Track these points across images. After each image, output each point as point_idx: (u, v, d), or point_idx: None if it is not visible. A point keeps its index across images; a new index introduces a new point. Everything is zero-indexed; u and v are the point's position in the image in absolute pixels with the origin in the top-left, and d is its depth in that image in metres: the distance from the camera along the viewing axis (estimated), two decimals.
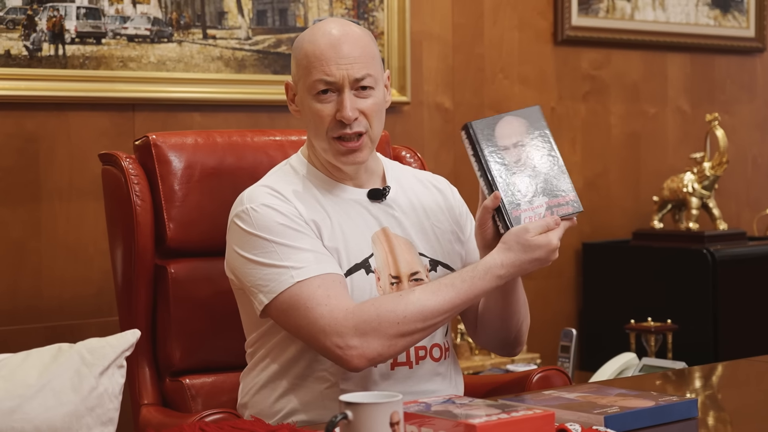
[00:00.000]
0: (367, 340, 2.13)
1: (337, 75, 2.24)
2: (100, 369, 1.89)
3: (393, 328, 2.14)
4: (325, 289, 2.16)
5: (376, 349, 2.14)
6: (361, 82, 2.26)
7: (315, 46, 2.27)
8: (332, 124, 2.26)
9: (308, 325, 2.16)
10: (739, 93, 4.78)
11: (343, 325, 2.14)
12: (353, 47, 2.27)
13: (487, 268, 2.16)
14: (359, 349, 2.13)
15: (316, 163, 2.35)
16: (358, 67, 2.26)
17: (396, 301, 2.16)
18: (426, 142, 3.94)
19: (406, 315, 2.14)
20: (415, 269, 2.33)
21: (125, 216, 2.56)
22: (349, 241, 2.28)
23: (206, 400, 2.51)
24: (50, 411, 1.82)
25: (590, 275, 4.30)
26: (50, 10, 3.20)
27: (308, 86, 2.27)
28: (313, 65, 2.26)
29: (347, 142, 2.26)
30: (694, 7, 4.57)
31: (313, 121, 2.28)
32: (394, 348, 2.16)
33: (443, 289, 2.17)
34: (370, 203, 2.35)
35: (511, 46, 4.16)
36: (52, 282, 3.25)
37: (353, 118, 2.24)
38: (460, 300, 2.16)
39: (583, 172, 4.34)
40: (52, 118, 3.25)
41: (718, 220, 4.23)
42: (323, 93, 2.25)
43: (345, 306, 2.15)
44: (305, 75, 2.27)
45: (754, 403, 2.31)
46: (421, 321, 2.15)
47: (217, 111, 3.51)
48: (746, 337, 4.02)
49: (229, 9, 3.51)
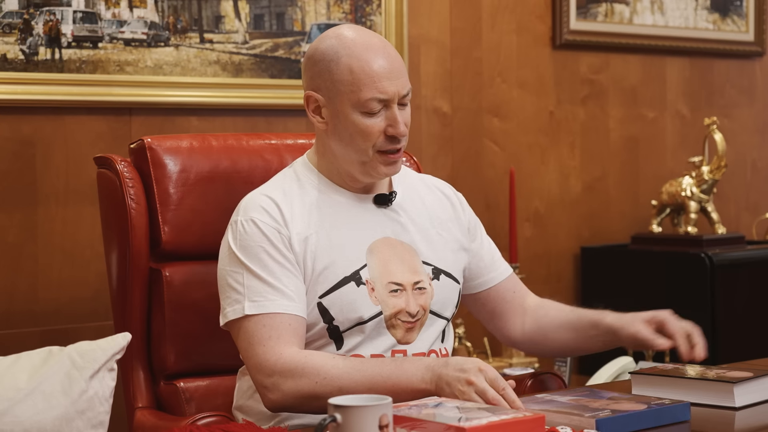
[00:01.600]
0: (285, 381, 2.15)
1: (390, 92, 2.24)
2: (91, 372, 1.90)
3: (308, 385, 2.14)
4: (269, 330, 2.19)
5: (286, 399, 2.16)
6: (406, 97, 2.28)
7: (363, 62, 2.23)
8: (381, 139, 2.25)
9: (246, 357, 2.23)
10: (739, 97, 4.77)
11: (270, 367, 2.16)
12: (395, 60, 2.27)
13: (410, 376, 2.10)
14: (274, 392, 2.16)
15: (329, 171, 2.34)
16: (405, 81, 2.27)
17: (326, 361, 2.15)
18: (424, 147, 3.94)
19: (325, 378, 2.13)
20: (418, 278, 2.33)
21: (120, 219, 2.56)
22: (338, 255, 2.27)
23: (200, 403, 2.51)
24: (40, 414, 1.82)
25: (589, 279, 4.29)
26: (47, 14, 3.20)
27: (356, 103, 2.24)
28: (362, 83, 2.23)
29: (393, 154, 2.27)
30: (693, 11, 4.57)
31: (359, 136, 2.26)
32: (304, 405, 2.16)
33: (369, 372, 2.13)
34: (375, 209, 2.35)
35: (509, 50, 4.16)
36: (49, 286, 3.25)
37: (405, 132, 2.27)
38: (377, 390, 2.07)
39: (581, 177, 4.34)
40: (49, 122, 3.25)
41: (716, 224, 4.23)
42: (374, 110, 2.24)
43: (280, 351, 2.17)
44: (351, 91, 2.23)
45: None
46: (337, 389, 2.10)
47: (214, 115, 3.51)
48: (745, 341, 4.01)
49: (226, 13, 3.52)
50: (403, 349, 2.28)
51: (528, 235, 4.19)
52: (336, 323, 2.25)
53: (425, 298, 2.33)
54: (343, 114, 2.26)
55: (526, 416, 1.84)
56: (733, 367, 2.34)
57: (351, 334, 2.27)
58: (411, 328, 2.30)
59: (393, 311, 2.28)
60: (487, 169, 4.09)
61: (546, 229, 4.25)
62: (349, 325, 2.26)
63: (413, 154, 2.91)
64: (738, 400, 2.15)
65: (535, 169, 4.23)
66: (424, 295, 2.33)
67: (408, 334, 2.30)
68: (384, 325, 2.27)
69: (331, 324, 2.25)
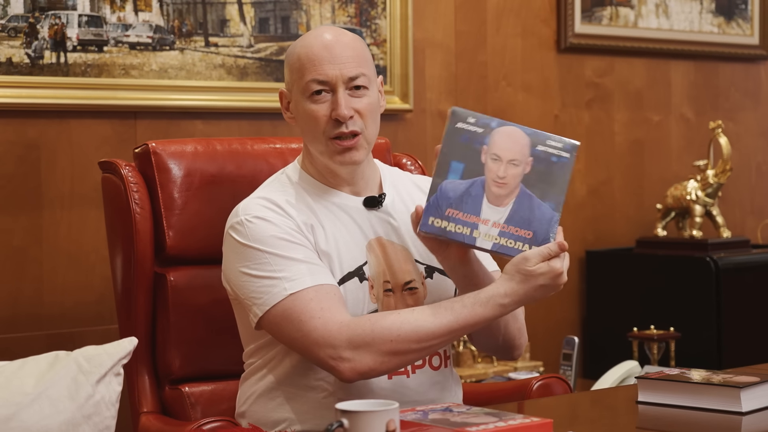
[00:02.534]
0: (360, 353, 2.12)
1: (330, 74, 2.25)
2: (97, 377, 1.90)
3: (386, 345, 2.12)
4: (318, 302, 2.15)
5: (367, 364, 2.13)
6: (354, 81, 2.27)
7: (308, 49, 2.28)
8: (328, 125, 2.26)
9: (302, 337, 2.16)
10: (744, 100, 4.77)
11: (336, 337, 2.13)
12: (345, 48, 2.28)
13: (489, 296, 2.13)
14: (351, 362, 2.12)
15: (312, 171, 2.35)
16: (351, 66, 2.27)
17: (392, 318, 2.14)
18: (429, 150, 3.93)
19: (400, 333, 2.12)
20: (409, 278, 2.32)
21: (125, 224, 2.56)
22: (342, 249, 2.27)
23: (205, 408, 2.51)
24: (47, 419, 1.82)
25: (594, 283, 4.29)
26: (52, 18, 3.21)
27: (302, 88, 2.27)
28: (305, 67, 2.26)
29: (343, 141, 2.26)
30: (698, 15, 4.57)
31: (308, 123, 2.28)
32: (386, 365, 2.14)
33: (442, 313, 2.14)
34: (365, 211, 2.35)
35: (514, 53, 4.16)
36: (54, 290, 3.25)
37: (349, 116, 2.25)
38: (459, 325, 2.13)
39: (586, 180, 4.34)
40: (54, 126, 3.25)
41: (721, 227, 4.22)
42: (317, 93, 2.26)
43: (339, 319, 2.14)
44: (299, 78, 2.28)
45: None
46: (416, 342, 2.12)
47: (219, 119, 3.51)
48: (749, 345, 4.01)
49: (231, 17, 3.52)
50: None
51: None
52: None
53: (416, 298, 2.32)
54: (298, 102, 2.30)
55: (533, 422, 1.84)
56: (739, 372, 2.34)
57: None
58: None
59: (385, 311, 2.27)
60: None
61: None
62: None
63: (418, 157, 2.91)
64: (745, 405, 2.15)
65: None
66: (416, 295, 2.32)
67: None
68: None
69: None
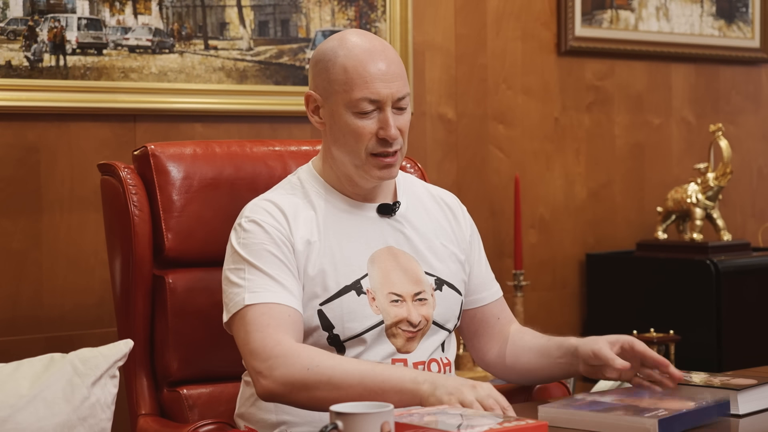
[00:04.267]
0: (278, 369, 2.12)
1: (383, 94, 2.23)
2: (93, 379, 1.90)
3: (299, 372, 2.11)
4: (267, 318, 2.17)
5: (276, 387, 2.12)
6: (401, 101, 2.26)
7: (356, 61, 2.24)
8: (372, 142, 2.25)
9: (243, 345, 2.19)
10: (744, 103, 4.77)
11: (267, 353, 2.14)
12: (393, 64, 2.26)
13: (402, 375, 2.09)
14: (266, 380, 2.13)
15: (330, 176, 2.35)
16: (400, 85, 2.25)
17: (321, 352, 2.15)
18: (429, 153, 3.94)
19: (318, 366, 2.11)
20: (419, 288, 2.32)
21: (123, 226, 2.56)
22: (339, 263, 2.27)
23: (203, 410, 2.51)
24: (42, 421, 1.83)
25: (594, 286, 4.29)
26: (51, 21, 3.21)
27: (348, 103, 2.24)
28: (355, 83, 2.23)
29: (385, 157, 2.26)
30: (699, 18, 4.57)
31: (351, 137, 2.26)
32: (294, 396, 2.12)
33: (362, 367, 2.12)
34: (379, 218, 2.35)
35: (514, 56, 4.16)
36: (53, 292, 3.25)
37: (397, 136, 2.25)
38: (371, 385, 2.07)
39: (587, 183, 4.34)
40: (53, 129, 3.25)
41: (722, 230, 4.22)
42: (365, 111, 2.24)
43: (278, 338, 2.15)
44: (344, 91, 2.24)
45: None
46: (327, 380, 2.09)
47: (218, 122, 3.52)
48: (750, 348, 4.00)
49: (231, 20, 3.52)
50: (403, 358, 2.27)
51: (533, 241, 4.19)
52: (336, 332, 2.25)
53: (427, 308, 2.32)
54: (338, 114, 2.27)
55: (529, 424, 1.84)
56: (738, 375, 2.34)
57: (352, 344, 2.26)
58: (412, 338, 2.29)
59: (394, 320, 2.27)
60: (492, 175, 4.09)
61: (551, 235, 4.25)
62: (350, 334, 2.25)
63: (418, 160, 2.91)
64: (742, 407, 2.15)
65: (540, 175, 4.22)
66: (426, 305, 2.32)
67: (408, 343, 2.29)
68: (384, 334, 2.27)
69: (331, 332, 2.25)
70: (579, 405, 2.10)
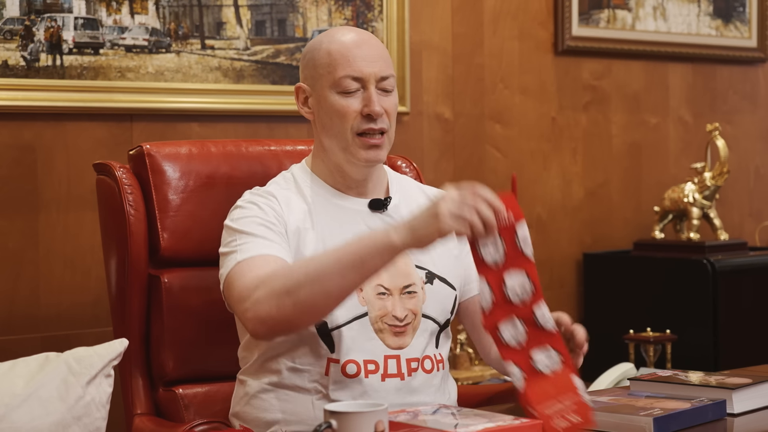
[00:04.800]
0: (258, 297, 2.10)
1: (365, 71, 2.28)
2: (88, 378, 1.90)
3: (278, 281, 2.09)
4: (252, 266, 2.16)
5: (263, 308, 2.09)
6: (385, 81, 2.31)
7: (340, 44, 2.30)
8: (357, 120, 2.28)
9: (230, 296, 2.18)
10: (741, 103, 4.77)
11: (250, 289, 2.12)
12: (376, 48, 2.33)
13: (376, 236, 2.05)
14: (252, 310, 2.11)
15: (321, 170, 2.37)
16: (383, 65, 2.31)
17: (297, 262, 2.16)
18: (426, 153, 3.94)
19: (291, 269, 2.12)
20: (409, 281, 2.32)
21: (119, 226, 2.56)
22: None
23: (199, 409, 2.51)
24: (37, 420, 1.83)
25: (591, 286, 4.29)
26: (48, 21, 3.21)
27: (333, 83, 2.29)
28: (338, 62, 2.29)
29: (371, 138, 2.29)
30: (696, 18, 4.57)
31: (335, 117, 2.30)
32: (282, 309, 2.08)
33: (332, 250, 2.10)
34: (370, 213, 2.35)
35: (511, 56, 4.16)
36: (50, 292, 3.25)
37: (381, 113, 2.28)
38: (347, 258, 2.05)
39: (584, 183, 4.34)
40: (50, 129, 3.25)
41: (719, 230, 4.22)
42: (349, 88, 2.28)
43: (260, 274, 2.13)
44: (329, 72, 2.30)
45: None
46: (305, 275, 2.07)
47: (215, 121, 3.52)
48: (746, 347, 4.01)
49: (228, 19, 3.52)
50: (396, 354, 2.27)
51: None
52: (324, 319, 2.24)
53: (415, 302, 2.31)
54: (323, 98, 2.31)
55: (523, 423, 1.84)
56: (734, 374, 2.34)
57: (340, 335, 2.25)
58: (401, 333, 2.29)
59: (379, 313, 2.27)
60: (489, 175, 4.09)
61: (548, 235, 4.25)
62: (335, 324, 2.24)
63: (414, 160, 2.91)
64: (737, 406, 2.15)
65: (538, 175, 4.23)
66: (414, 299, 2.31)
67: (399, 338, 2.28)
68: (371, 329, 2.26)
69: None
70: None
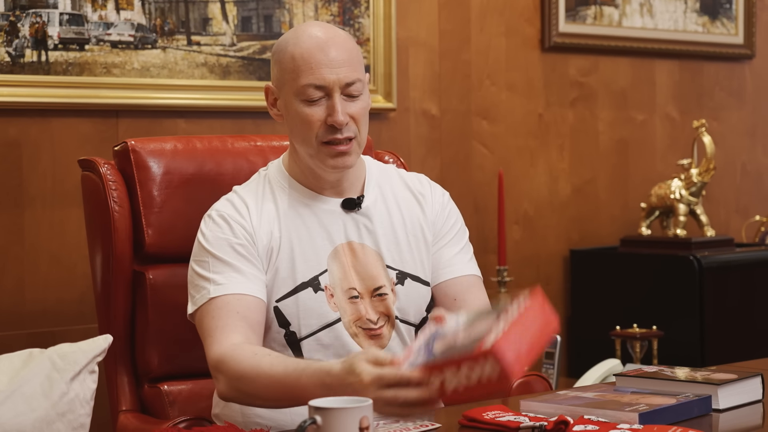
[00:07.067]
0: (220, 379, 2.12)
1: (328, 79, 2.21)
2: (71, 374, 1.89)
3: (235, 372, 2.09)
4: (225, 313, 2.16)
5: (223, 389, 2.12)
6: (351, 87, 2.23)
7: (302, 49, 2.23)
8: (322, 129, 2.23)
9: (200, 335, 2.22)
10: (728, 100, 4.77)
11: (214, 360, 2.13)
12: (342, 51, 2.24)
13: (318, 368, 1.97)
14: (215, 382, 2.14)
15: (295, 171, 2.33)
16: (348, 71, 2.23)
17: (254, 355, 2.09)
18: (412, 149, 3.94)
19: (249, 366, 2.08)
20: (379, 284, 2.30)
21: (103, 222, 2.55)
22: (298, 259, 2.26)
23: (184, 406, 2.50)
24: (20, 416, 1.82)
25: (578, 282, 4.29)
26: (33, 16, 3.20)
27: (296, 91, 2.23)
28: (300, 69, 2.22)
29: (337, 145, 2.24)
30: (683, 14, 4.57)
31: (301, 125, 2.25)
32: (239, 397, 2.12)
33: (282, 365, 2.04)
34: (343, 213, 2.32)
35: (498, 52, 4.16)
36: (35, 288, 3.24)
37: (345, 122, 2.22)
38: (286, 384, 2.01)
39: (570, 179, 4.34)
40: (35, 125, 3.24)
41: (705, 226, 4.23)
42: (312, 97, 2.23)
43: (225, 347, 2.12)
44: (292, 79, 2.23)
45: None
46: (251, 382, 2.06)
47: (201, 117, 3.51)
48: (732, 343, 4.01)
49: (214, 15, 3.51)
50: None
51: (517, 237, 4.19)
52: (293, 329, 2.23)
53: (386, 304, 2.29)
54: (290, 104, 2.26)
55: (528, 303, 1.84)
56: (720, 370, 2.34)
57: (309, 343, 2.24)
58: (377, 335, 2.27)
59: (351, 317, 2.26)
60: (475, 171, 4.09)
61: (535, 231, 4.25)
62: (306, 332, 2.24)
63: (401, 155, 2.91)
64: (722, 402, 2.15)
65: (524, 171, 4.23)
66: (385, 301, 2.29)
67: (375, 341, 2.27)
68: (346, 333, 2.25)
69: (288, 329, 2.24)
70: (561, 400, 2.10)
